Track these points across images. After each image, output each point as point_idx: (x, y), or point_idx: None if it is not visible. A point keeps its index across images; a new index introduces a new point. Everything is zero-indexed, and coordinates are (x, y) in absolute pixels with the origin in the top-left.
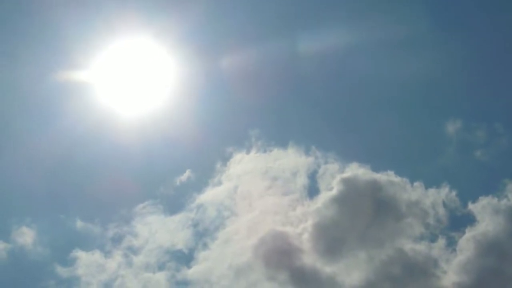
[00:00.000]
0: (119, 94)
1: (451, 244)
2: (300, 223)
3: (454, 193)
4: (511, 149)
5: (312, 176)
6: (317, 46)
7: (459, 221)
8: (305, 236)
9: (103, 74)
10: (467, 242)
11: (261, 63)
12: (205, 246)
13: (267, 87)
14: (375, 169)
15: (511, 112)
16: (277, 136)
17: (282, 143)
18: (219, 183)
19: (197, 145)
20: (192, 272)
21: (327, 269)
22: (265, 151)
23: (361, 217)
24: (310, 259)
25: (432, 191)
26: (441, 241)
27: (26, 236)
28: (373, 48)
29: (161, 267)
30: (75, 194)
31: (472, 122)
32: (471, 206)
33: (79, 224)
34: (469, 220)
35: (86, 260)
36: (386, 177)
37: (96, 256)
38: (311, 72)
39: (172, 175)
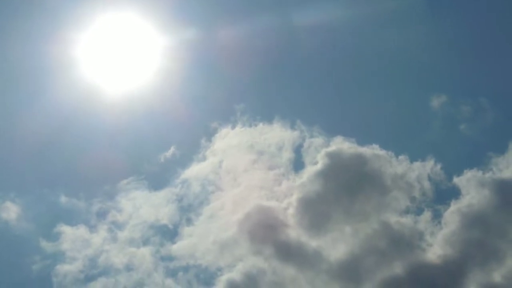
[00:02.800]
0: (104, 70)
1: (436, 217)
2: (285, 197)
3: (439, 166)
4: (495, 123)
5: (298, 150)
6: (303, 20)
7: (444, 194)
8: (290, 210)
9: (88, 50)
10: (452, 215)
11: (247, 38)
12: (189, 221)
13: (252, 61)
14: (360, 142)
15: (496, 87)
16: (263, 111)
17: (268, 118)
18: (204, 158)
19: (182, 120)
20: (177, 247)
21: (312, 243)
22: (250, 126)
23: (346, 191)
24: (295, 233)
25: (417, 164)
26: (427, 214)
27: (10, 211)
28: (359, 23)
29: (145, 242)
30: (60, 169)
31: (458, 96)
32: (456, 179)
33: (64, 199)
34: (454, 193)
35: (70, 235)
36: (371, 150)
37: (80, 231)
38: (296, 47)
39: (156, 151)
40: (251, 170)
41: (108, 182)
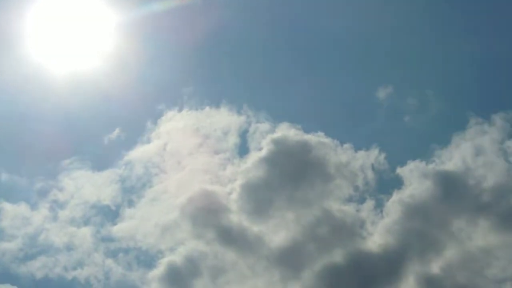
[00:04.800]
0: (49, 47)
1: (378, 206)
2: (229, 182)
3: (383, 156)
4: (440, 115)
5: (243, 136)
6: (252, 3)
7: (387, 184)
8: (234, 195)
9: (33, 26)
10: (393, 205)
11: (196, 21)
12: (131, 203)
13: (203, 45)
14: (306, 129)
15: (442, 79)
16: (210, 95)
17: (215, 102)
18: (149, 140)
19: (128, 103)
20: (118, 228)
21: (254, 228)
22: (197, 109)
23: (290, 177)
24: (237, 218)
25: (361, 153)
26: (369, 203)
27: None
28: (309, 9)
29: (86, 222)
30: (1, 145)
31: (404, 88)
32: (399, 169)
33: (5, 176)
34: (397, 183)
35: (11, 212)
36: (317, 138)
37: (21, 208)
38: (245, 31)
39: (101, 132)
40: (196, 154)
41: (51, 160)
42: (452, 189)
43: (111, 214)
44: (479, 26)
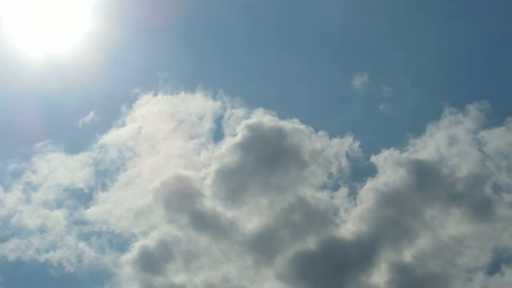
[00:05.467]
0: (24, 29)
1: (352, 194)
2: (204, 167)
3: (357, 144)
4: (415, 104)
5: (218, 121)
6: None
7: (361, 172)
8: (208, 181)
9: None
10: (367, 192)
11: (173, 4)
12: (105, 186)
13: (177, 29)
14: (281, 116)
15: (418, 69)
16: (186, 79)
17: (190, 87)
18: (123, 124)
19: (103, 86)
20: (91, 212)
21: (228, 214)
22: (172, 94)
23: (265, 163)
24: (211, 203)
25: (336, 141)
26: (343, 191)
27: None
28: None
29: (59, 205)
30: None
31: (380, 77)
32: (373, 157)
33: None
34: (371, 171)
35: None
36: (292, 124)
37: None
38: (222, 15)
39: (76, 116)
40: (170, 139)
41: (24, 143)
42: (426, 178)
43: (84, 197)
44: (454, 16)
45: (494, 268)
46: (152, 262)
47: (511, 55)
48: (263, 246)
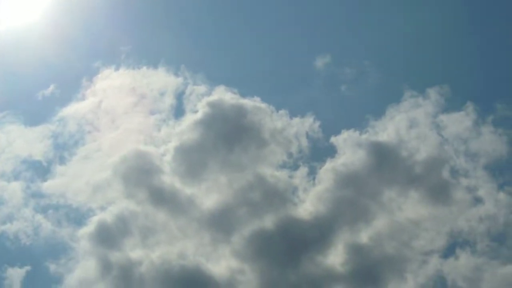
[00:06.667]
0: None
1: (311, 174)
2: (164, 143)
3: (317, 124)
4: (376, 86)
5: (180, 97)
6: None
7: (321, 152)
8: (167, 157)
9: None
10: (326, 173)
11: None
12: (63, 160)
13: (141, 4)
14: (242, 94)
15: (379, 51)
16: (148, 55)
17: (153, 62)
18: (84, 98)
19: (64, 59)
20: (48, 185)
21: (187, 190)
22: (134, 69)
23: (225, 141)
24: (170, 180)
25: (296, 120)
26: (302, 170)
27: None
28: None
29: (16, 177)
30: None
31: (342, 58)
32: (333, 138)
33: None
34: (331, 151)
35: None
36: (253, 103)
37: None
38: None
39: (35, 89)
40: (131, 113)
41: None
42: (385, 160)
43: (42, 170)
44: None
45: (449, 251)
46: (109, 237)
47: (473, 40)
48: (220, 223)
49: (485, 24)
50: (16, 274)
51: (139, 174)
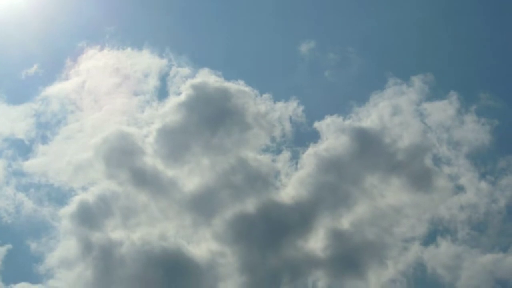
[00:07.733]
0: None
1: (294, 158)
2: (147, 125)
3: (301, 109)
4: (360, 72)
5: (163, 79)
6: None
7: (304, 137)
8: (150, 138)
9: None
10: (309, 158)
11: None
12: (45, 139)
13: None
14: (226, 77)
15: (364, 38)
16: (133, 36)
17: (137, 43)
18: (67, 77)
19: (48, 38)
20: (30, 163)
21: (169, 172)
22: (118, 49)
23: (208, 124)
24: (152, 161)
25: (280, 104)
26: (285, 155)
27: None
28: None
29: None
30: None
31: (327, 43)
32: (316, 123)
33: None
34: (314, 137)
35: None
36: (237, 86)
37: None
38: None
39: (19, 67)
40: (114, 94)
41: None
42: (367, 146)
43: (24, 148)
44: None
45: (429, 239)
46: (90, 217)
47: (457, 29)
48: (202, 206)
49: (470, 13)
50: None
51: (121, 155)
